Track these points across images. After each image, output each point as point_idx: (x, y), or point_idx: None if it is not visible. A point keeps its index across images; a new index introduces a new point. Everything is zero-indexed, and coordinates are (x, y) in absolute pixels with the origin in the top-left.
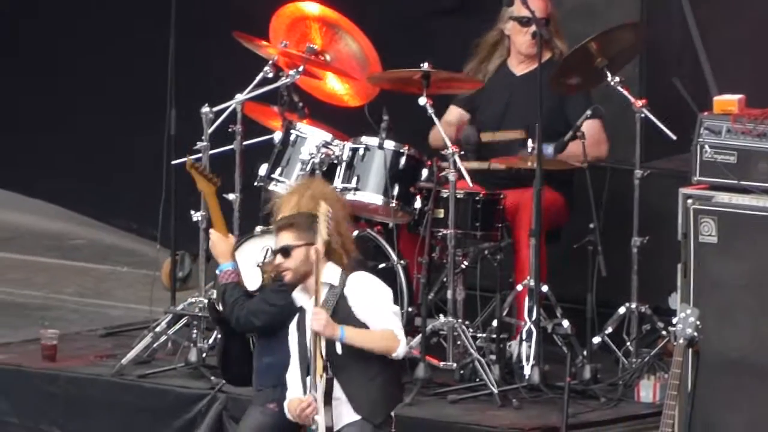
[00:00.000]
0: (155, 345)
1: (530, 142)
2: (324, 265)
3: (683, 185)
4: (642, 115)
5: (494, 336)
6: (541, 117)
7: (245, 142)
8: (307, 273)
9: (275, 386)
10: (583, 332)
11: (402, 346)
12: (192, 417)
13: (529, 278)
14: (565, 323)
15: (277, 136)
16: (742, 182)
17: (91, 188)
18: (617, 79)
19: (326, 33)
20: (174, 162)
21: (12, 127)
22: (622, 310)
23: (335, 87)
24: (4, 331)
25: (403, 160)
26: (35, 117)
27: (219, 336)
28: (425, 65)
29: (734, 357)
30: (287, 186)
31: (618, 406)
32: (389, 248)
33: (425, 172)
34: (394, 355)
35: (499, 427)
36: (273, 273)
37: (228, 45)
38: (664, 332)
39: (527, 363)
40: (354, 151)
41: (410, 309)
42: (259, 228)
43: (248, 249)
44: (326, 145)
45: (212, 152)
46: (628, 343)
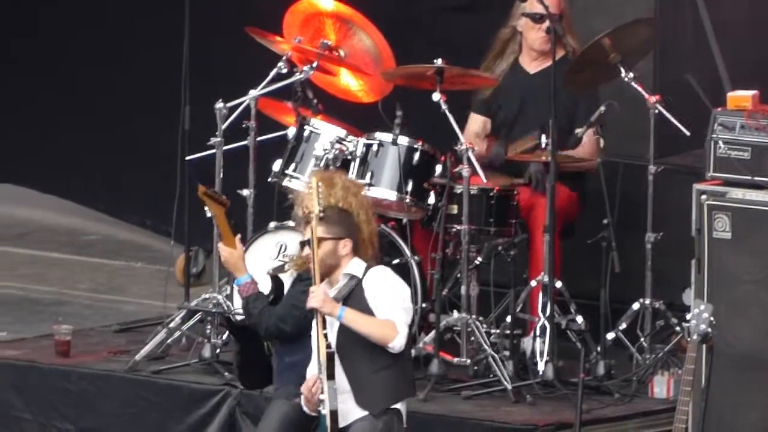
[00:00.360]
0: (169, 341)
1: (544, 138)
2: (350, 259)
3: (697, 181)
4: (656, 111)
5: (508, 332)
6: (555, 114)
7: (259, 138)
8: (334, 266)
9: (299, 384)
10: (597, 328)
11: (399, 339)
12: (205, 413)
13: (543, 274)
14: (579, 319)
15: (291, 132)
16: (756, 178)
17: (105, 184)
18: (631, 75)
19: (340, 29)
20: (188, 158)
21: (26, 125)
22: (636, 306)
23: (349, 83)
24: (18, 327)
25: (417, 156)
26: (49, 114)
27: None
28: (439, 61)
29: (748, 352)
30: (302, 182)
31: (632, 402)
32: (403, 244)
33: (439, 168)
34: (390, 346)
35: (513, 423)
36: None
37: (242, 41)
38: (678, 328)
39: (541, 359)
40: (368, 147)
41: (424, 305)
42: (273, 224)
43: (262, 244)
44: (340, 141)
45: (226, 148)
46: (642, 339)
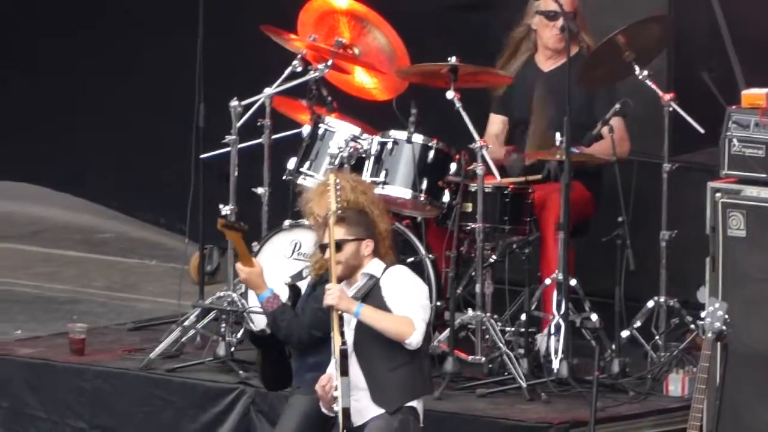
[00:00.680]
0: (183, 339)
1: (558, 136)
2: (371, 260)
3: (712, 179)
4: (670, 109)
5: (523, 330)
6: (570, 112)
7: (274, 136)
8: (357, 267)
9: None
10: (612, 326)
11: (416, 336)
12: (220, 411)
13: (558, 272)
14: (594, 317)
15: (306, 130)
16: None
17: (119, 182)
18: (645, 73)
19: (355, 27)
20: (202, 156)
21: (40, 123)
22: (651, 304)
23: (364, 81)
24: (32, 325)
25: (432, 154)
26: (63, 112)
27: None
28: (453, 59)
29: (762, 350)
30: (317, 180)
31: (647, 400)
32: (417, 242)
33: (453, 166)
34: (407, 342)
35: (528, 421)
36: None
37: (257, 39)
38: (693, 326)
39: (556, 357)
40: (382, 145)
41: (439, 303)
42: (288, 222)
43: (277, 242)
44: (355, 139)
45: (241, 146)
46: (657, 337)
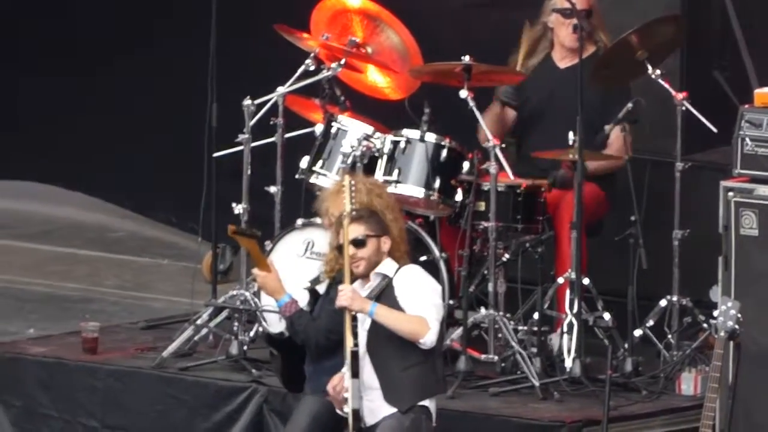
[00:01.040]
0: (196, 338)
1: (571, 135)
2: (383, 259)
3: (724, 178)
4: (683, 108)
5: (535, 329)
6: (583, 111)
7: (286, 135)
8: (377, 264)
9: None
10: (624, 325)
11: (430, 335)
12: (233, 410)
13: (570, 271)
14: (607, 316)
15: (319, 129)
16: None
17: (132, 181)
18: (658, 72)
19: (367, 25)
20: (215, 155)
21: (52, 122)
22: (664, 303)
23: (376, 80)
24: (45, 324)
25: (444, 153)
26: (75, 112)
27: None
28: (466, 58)
29: None
30: (330, 179)
31: (659, 399)
32: (430, 241)
33: (466, 165)
34: (421, 342)
35: (540, 420)
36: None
37: (269, 37)
38: (705, 325)
39: (568, 356)
40: (395, 144)
41: (451, 302)
42: (300, 221)
43: (289, 242)
44: (367, 138)
45: (253, 145)
46: (669, 336)
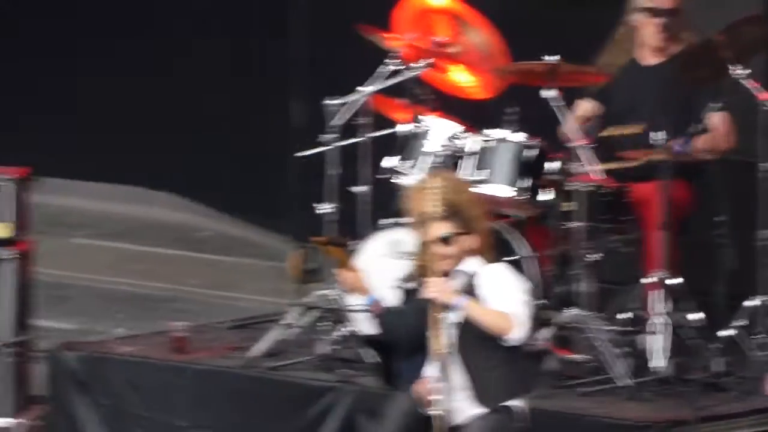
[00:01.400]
0: (284, 337)
1: (655, 135)
2: (468, 257)
3: None
4: (766, 108)
5: (624, 328)
6: (669, 110)
7: (371, 135)
8: (461, 261)
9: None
10: (713, 325)
11: (518, 331)
12: (322, 409)
13: (659, 270)
14: (696, 316)
15: (403, 129)
16: None
17: (217, 180)
18: (743, 72)
19: (452, 25)
20: (299, 154)
21: (136, 123)
22: (750, 304)
23: (461, 79)
24: (132, 323)
25: (531, 153)
26: (159, 112)
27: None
28: (552, 57)
29: None
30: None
31: (748, 399)
32: (518, 241)
33: (553, 165)
34: (509, 337)
35: (629, 420)
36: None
37: (354, 37)
38: None
39: (657, 356)
40: (482, 144)
41: (539, 302)
42: (386, 221)
43: (375, 242)
44: (453, 138)
45: (338, 145)
46: (756, 337)
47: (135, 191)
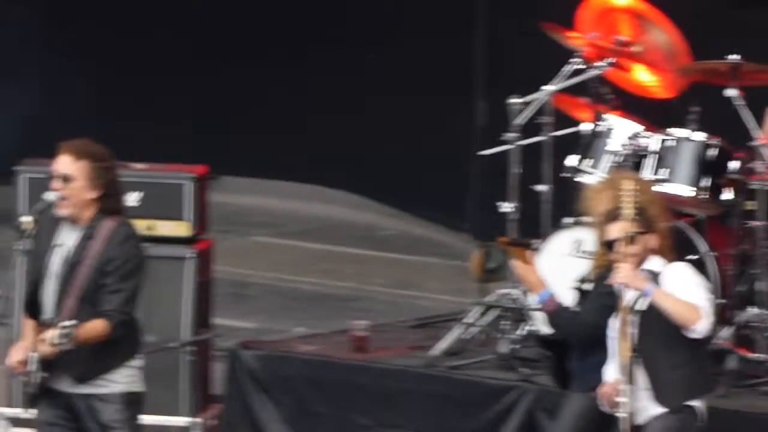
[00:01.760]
0: (465, 336)
1: None
2: (650, 256)
3: None
4: None
5: None
6: None
7: (554, 133)
8: (643, 261)
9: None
10: None
11: (704, 322)
12: (503, 409)
13: None
14: None
15: (586, 128)
16: None
17: (400, 179)
18: None
19: (634, 24)
20: (482, 153)
21: (319, 122)
22: None
23: (644, 78)
24: (312, 322)
25: (713, 152)
26: (342, 112)
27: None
28: (735, 57)
29: None
30: (596, 178)
31: None
32: (699, 240)
33: (735, 164)
34: (694, 328)
35: None
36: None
37: (536, 35)
38: None
39: None
40: (664, 143)
41: (721, 300)
42: (569, 219)
43: (558, 240)
44: (635, 137)
45: (520, 143)
46: None
47: (317, 190)
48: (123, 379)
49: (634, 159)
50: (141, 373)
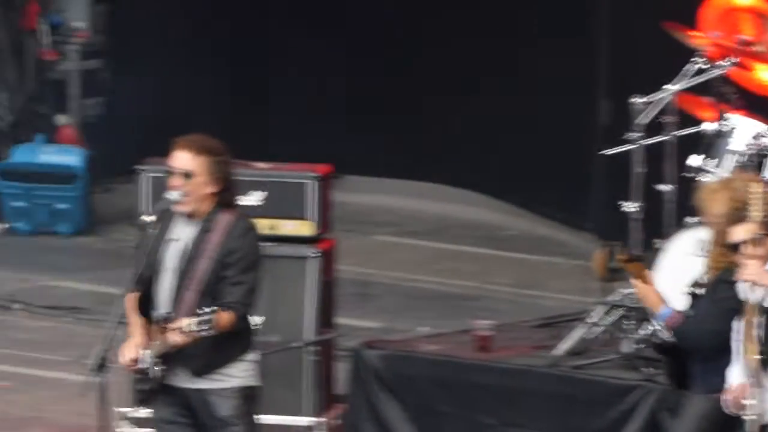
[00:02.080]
0: (589, 336)
1: None
2: None
3: None
4: None
5: None
6: None
7: (676, 133)
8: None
9: (721, 383)
10: None
11: None
12: (626, 409)
13: None
14: None
15: (709, 127)
16: None
17: (523, 178)
18: None
19: (757, 24)
20: (604, 152)
21: (441, 122)
22: None
23: (767, 78)
24: (435, 321)
25: None
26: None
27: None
28: None
29: None
30: (716, 178)
31: None
32: None
33: None
34: None
35: None
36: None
37: (659, 35)
38: None
39: None
40: None
41: None
42: (692, 219)
43: (681, 240)
44: (759, 137)
45: (644, 143)
46: None
47: (440, 189)
48: (240, 374)
49: (757, 159)
50: (257, 368)
